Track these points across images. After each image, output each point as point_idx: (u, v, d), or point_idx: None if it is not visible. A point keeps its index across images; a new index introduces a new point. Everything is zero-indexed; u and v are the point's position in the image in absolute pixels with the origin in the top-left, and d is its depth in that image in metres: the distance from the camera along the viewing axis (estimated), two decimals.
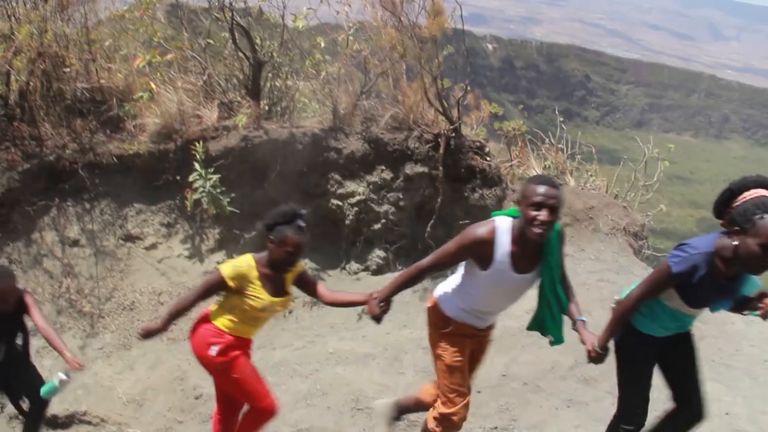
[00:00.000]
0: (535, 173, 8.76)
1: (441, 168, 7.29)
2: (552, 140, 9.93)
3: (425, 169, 7.38)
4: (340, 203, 7.34)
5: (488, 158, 7.68)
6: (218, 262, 7.02)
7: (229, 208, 6.79)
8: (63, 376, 4.35)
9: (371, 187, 7.35)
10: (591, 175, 9.36)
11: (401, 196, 7.47)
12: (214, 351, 3.83)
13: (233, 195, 6.78)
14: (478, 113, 8.27)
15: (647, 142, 10.00)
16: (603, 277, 7.15)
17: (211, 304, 3.98)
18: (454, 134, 7.39)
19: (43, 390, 4.41)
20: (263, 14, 8.07)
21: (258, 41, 7.39)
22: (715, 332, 6.83)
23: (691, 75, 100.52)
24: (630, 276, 7.60)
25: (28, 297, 4.65)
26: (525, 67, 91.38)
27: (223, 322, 3.86)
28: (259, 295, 3.78)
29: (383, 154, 7.39)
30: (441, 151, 7.28)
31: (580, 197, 8.44)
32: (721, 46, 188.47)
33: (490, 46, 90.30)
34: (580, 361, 6.02)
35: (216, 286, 3.82)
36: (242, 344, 3.96)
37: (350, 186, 7.35)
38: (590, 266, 7.42)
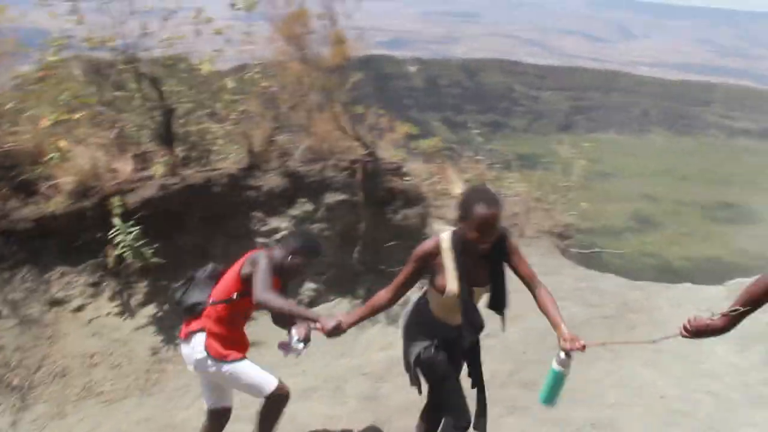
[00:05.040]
0: (456, 187, 8.93)
1: (361, 193, 7.35)
2: (476, 153, 10.18)
3: (345, 197, 7.42)
4: (266, 240, 7.29)
5: (407, 178, 7.79)
6: (150, 316, 6.90)
7: (153, 260, 6.69)
8: (562, 358, 3.30)
9: (294, 220, 7.33)
10: (511, 182, 9.60)
11: (325, 226, 7.48)
12: None
13: (156, 246, 6.68)
14: (393, 135, 8.39)
15: (574, 145, 10.36)
16: None
17: None
18: (370, 159, 7.48)
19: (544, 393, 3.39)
20: (170, 60, 8.03)
21: (166, 88, 7.34)
22: (645, 320, 7.05)
23: (608, 75, 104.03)
24: (559, 276, 7.79)
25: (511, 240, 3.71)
26: (449, 85, 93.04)
27: None
28: None
29: (302, 186, 7.41)
30: (359, 176, 7.36)
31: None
32: (633, 44, 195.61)
33: (412, 68, 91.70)
34: (519, 366, 6.14)
35: None
36: None
37: (273, 222, 7.33)
38: None
